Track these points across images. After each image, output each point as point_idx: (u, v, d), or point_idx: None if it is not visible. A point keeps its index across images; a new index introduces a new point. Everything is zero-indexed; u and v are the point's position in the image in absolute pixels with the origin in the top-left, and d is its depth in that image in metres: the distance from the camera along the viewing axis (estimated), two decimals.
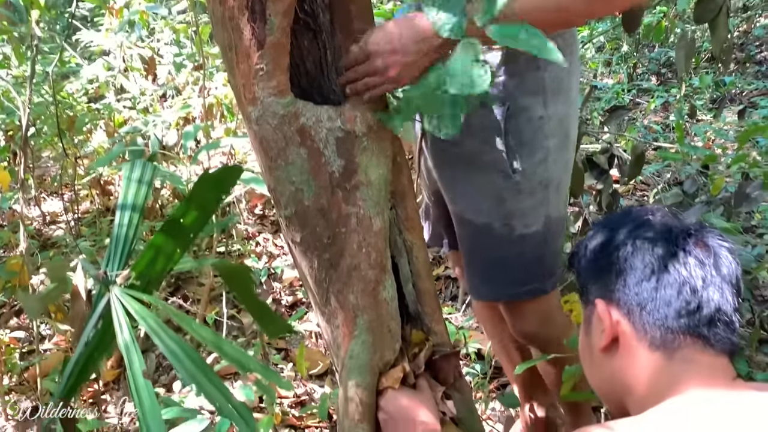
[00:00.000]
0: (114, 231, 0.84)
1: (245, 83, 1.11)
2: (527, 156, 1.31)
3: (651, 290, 0.88)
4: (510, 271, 1.40)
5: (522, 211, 1.35)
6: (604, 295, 0.94)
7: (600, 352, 0.94)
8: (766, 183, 2.08)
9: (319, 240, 1.22)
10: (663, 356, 0.87)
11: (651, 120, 4.11)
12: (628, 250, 0.92)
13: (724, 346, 0.86)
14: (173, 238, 0.78)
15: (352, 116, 1.16)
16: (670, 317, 0.86)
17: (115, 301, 0.74)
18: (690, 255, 0.88)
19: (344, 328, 1.27)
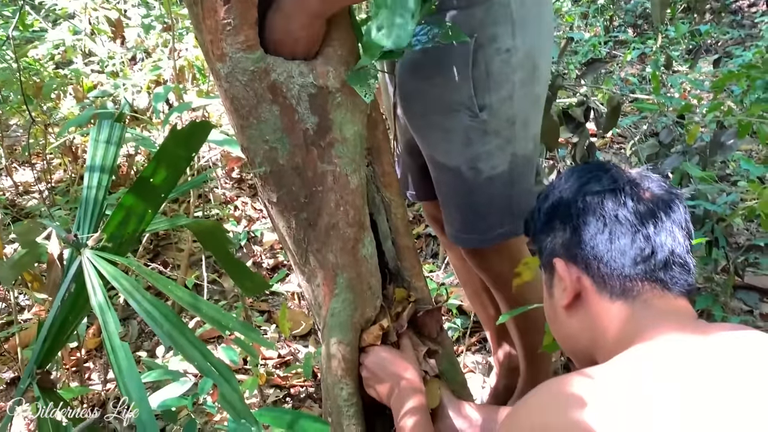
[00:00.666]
0: (83, 194, 0.82)
1: (212, 39, 1.08)
2: (494, 91, 1.26)
3: (605, 242, 0.89)
4: (480, 217, 1.39)
5: (488, 152, 1.32)
6: (562, 254, 0.95)
7: (564, 310, 0.95)
8: (740, 131, 2.09)
9: (296, 199, 1.21)
10: (624, 304, 0.88)
11: (627, 72, 4.10)
12: (579, 206, 0.92)
13: (681, 288, 0.87)
14: (144, 199, 0.76)
15: (324, 71, 1.14)
16: (627, 266, 0.88)
17: (87, 263, 0.73)
18: (639, 203, 0.89)
19: (325, 287, 1.27)
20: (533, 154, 1.38)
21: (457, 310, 2.26)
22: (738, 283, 2.18)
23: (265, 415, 1.05)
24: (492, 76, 1.25)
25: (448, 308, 2.25)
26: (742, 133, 2.10)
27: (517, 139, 1.32)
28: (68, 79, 2.54)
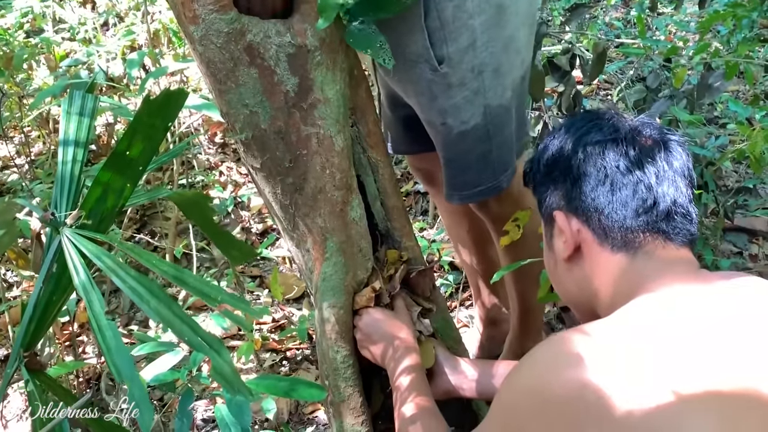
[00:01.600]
0: (58, 169, 0.79)
1: (184, 2, 1.03)
2: (451, 40, 1.17)
3: (607, 194, 0.87)
4: (458, 173, 1.35)
5: (455, 106, 1.25)
6: (562, 206, 0.93)
7: (565, 263, 0.94)
8: (727, 72, 2.06)
9: (281, 164, 1.18)
10: (626, 256, 0.87)
11: (612, 16, 4.03)
12: (579, 157, 0.90)
13: (684, 238, 0.87)
14: (121, 173, 0.74)
15: (302, 29, 1.09)
16: (629, 217, 0.86)
17: (67, 242, 0.70)
18: (640, 153, 0.87)
19: (315, 252, 1.26)
20: (511, 103, 1.31)
21: (449, 266, 2.26)
22: (727, 225, 2.19)
23: (260, 384, 1.04)
24: (446, 24, 1.17)
25: (440, 265, 2.25)
26: (730, 74, 2.07)
27: (488, 89, 1.24)
28: (39, 48, 2.45)
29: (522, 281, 1.54)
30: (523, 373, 0.80)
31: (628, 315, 0.79)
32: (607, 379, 0.71)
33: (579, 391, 0.71)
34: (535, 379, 0.77)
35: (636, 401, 0.69)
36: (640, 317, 0.78)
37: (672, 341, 0.74)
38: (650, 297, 0.81)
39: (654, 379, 0.70)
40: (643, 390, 0.69)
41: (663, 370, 0.71)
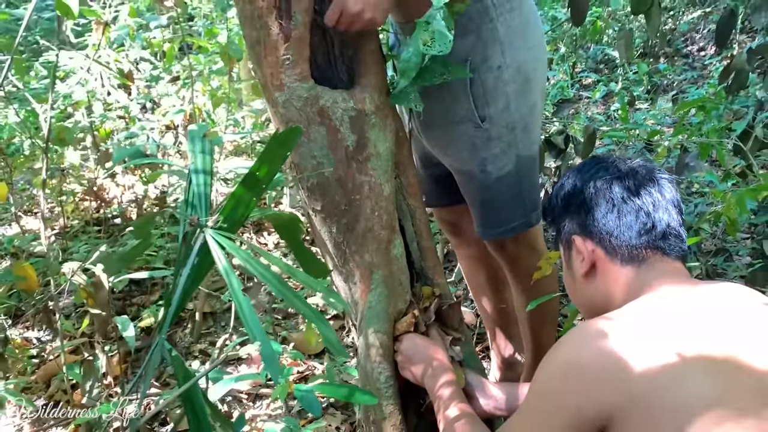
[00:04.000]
0: (192, 190, 1.01)
1: (273, 72, 1.30)
2: (491, 103, 1.46)
3: (615, 220, 1.11)
4: (495, 212, 1.59)
5: (494, 155, 1.51)
6: (579, 231, 1.17)
7: (582, 279, 1.17)
8: (701, 153, 2.38)
9: (338, 207, 1.41)
10: (632, 268, 1.10)
11: (594, 111, 4.45)
12: (591, 191, 1.15)
13: (677, 253, 1.10)
14: (250, 189, 0.96)
15: (362, 97, 1.37)
16: (633, 237, 1.10)
17: (210, 238, 0.92)
18: (640, 187, 1.12)
19: (362, 284, 1.47)
20: (536, 155, 1.60)
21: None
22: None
23: (324, 389, 1.22)
24: (488, 91, 1.47)
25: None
26: (703, 154, 2.39)
27: (519, 142, 1.52)
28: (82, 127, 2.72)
29: (536, 319, 1.74)
30: (558, 351, 1.00)
31: (637, 306, 1.01)
32: (625, 350, 0.92)
33: (604, 357, 0.92)
34: (568, 352, 0.98)
35: (647, 365, 0.89)
36: (646, 307, 1.00)
37: (671, 322, 0.95)
38: (653, 294, 1.03)
39: (659, 349, 0.91)
40: (651, 357, 0.90)
41: (666, 343, 0.92)
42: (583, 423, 0.93)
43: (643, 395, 0.88)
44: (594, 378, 0.92)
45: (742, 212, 1.98)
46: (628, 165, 1.16)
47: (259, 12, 1.26)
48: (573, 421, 0.94)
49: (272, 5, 1.24)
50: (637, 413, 0.88)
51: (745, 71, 2.55)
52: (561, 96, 4.33)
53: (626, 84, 4.58)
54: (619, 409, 0.89)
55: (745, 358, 0.91)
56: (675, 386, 0.88)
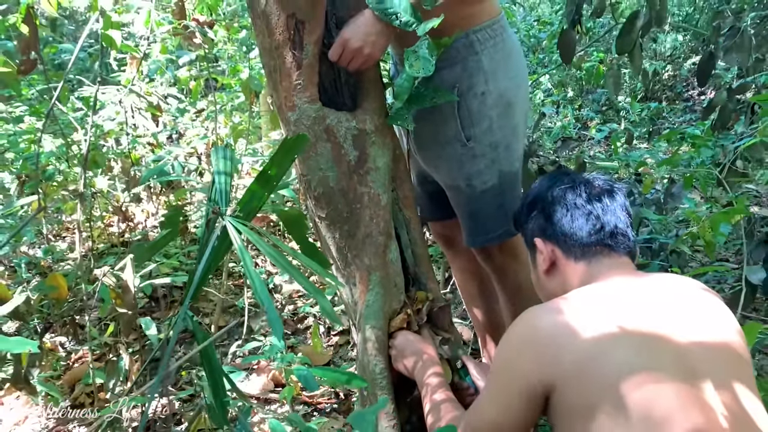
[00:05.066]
0: (216, 187, 1.21)
1: (286, 95, 1.51)
2: (476, 125, 1.65)
3: (569, 223, 1.29)
4: (482, 222, 1.77)
5: (479, 171, 1.69)
6: (540, 234, 1.34)
7: (544, 275, 1.34)
8: (685, 183, 2.55)
9: (340, 215, 1.60)
10: (585, 263, 1.27)
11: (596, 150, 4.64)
12: (549, 199, 1.33)
13: (624, 250, 1.27)
14: (263, 186, 1.15)
15: (363, 118, 1.57)
16: (585, 237, 1.27)
17: (229, 224, 1.11)
18: (591, 194, 1.29)
19: (361, 285, 1.64)
20: (518, 172, 1.78)
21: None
22: None
23: (325, 374, 1.39)
24: (473, 114, 1.66)
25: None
26: (687, 184, 2.56)
27: (502, 160, 1.70)
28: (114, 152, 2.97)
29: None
30: (513, 329, 1.17)
31: (583, 291, 1.18)
32: (568, 326, 1.08)
33: (555, 329, 1.09)
34: (521, 330, 1.14)
35: (585, 338, 1.06)
36: (590, 292, 1.17)
37: (610, 304, 1.12)
38: (599, 283, 1.20)
39: (597, 325, 1.07)
40: (590, 332, 1.06)
41: (603, 320, 1.08)
42: (533, 390, 1.09)
43: (581, 362, 1.04)
44: (542, 349, 1.09)
45: (716, 234, 2.14)
46: (584, 177, 1.35)
47: (276, 44, 1.47)
48: (525, 388, 1.10)
49: (287, 39, 1.46)
50: (574, 377, 1.04)
51: (728, 109, 2.75)
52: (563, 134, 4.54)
53: (628, 126, 4.78)
54: (559, 377, 1.06)
55: (669, 334, 1.07)
56: (606, 355, 1.04)
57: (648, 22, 2.44)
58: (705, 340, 1.06)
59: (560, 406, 1.06)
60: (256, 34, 1.53)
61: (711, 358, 1.05)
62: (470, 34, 1.62)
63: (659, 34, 6.10)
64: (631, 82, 5.54)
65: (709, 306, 1.14)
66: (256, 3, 1.46)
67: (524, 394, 1.10)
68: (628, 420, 0.98)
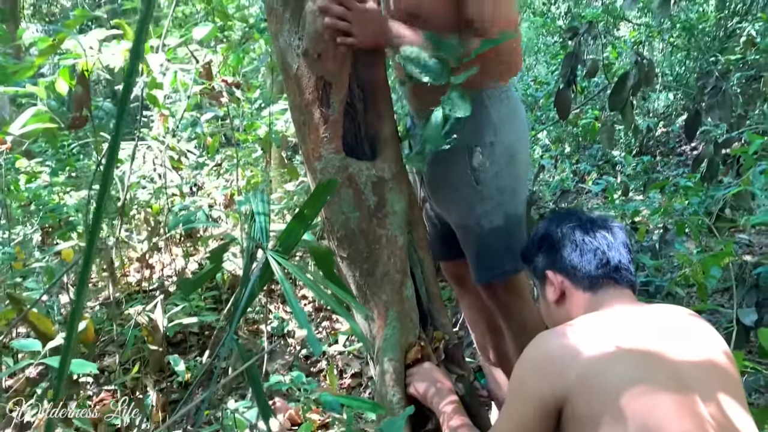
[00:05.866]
0: (255, 226, 1.37)
1: (314, 147, 1.69)
2: (485, 171, 1.83)
3: (578, 257, 1.44)
4: (489, 259, 1.91)
5: (486, 212, 1.85)
6: (551, 267, 1.49)
7: (554, 305, 1.48)
8: (678, 230, 2.71)
9: (360, 254, 1.75)
10: (592, 293, 1.41)
11: (593, 202, 4.82)
12: (559, 235, 1.49)
13: (627, 283, 1.42)
14: (299, 223, 1.31)
15: (382, 167, 1.74)
16: (592, 270, 1.42)
17: (270, 257, 1.26)
18: (597, 232, 1.45)
19: (379, 320, 1.78)
20: (522, 214, 1.94)
21: None
22: None
23: (353, 402, 1.51)
24: (483, 162, 1.84)
25: None
26: (680, 231, 2.72)
27: (508, 203, 1.87)
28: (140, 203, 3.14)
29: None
30: (526, 351, 1.30)
31: (589, 317, 1.32)
32: (575, 346, 1.22)
33: (562, 349, 1.22)
34: (533, 351, 1.28)
35: (590, 356, 1.20)
36: (596, 318, 1.31)
37: (611, 326, 1.26)
38: (604, 310, 1.35)
39: (601, 345, 1.21)
40: (594, 351, 1.20)
41: (606, 341, 1.22)
42: (546, 406, 1.22)
43: (586, 377, 1.18)
44: (552, 368, 1.22)
45: (707, 277, 2.29)
46: (588, 215, 1.51)
47: (306, 102, 1.66)
48: (539, 405, 1.23)
49: (316, 98, 1.64)
50: (581, 391, 1.17)
51: (715, 162, 2.94)
52: (562, 187, 4.73)
53: (624, 179, 4.98)
54: (570, 390, 1.19)
55: (664, 352, 1.21)
56: (608, 370, 1.18)
57: (638, 82, 2.66)
58: (695, 358, 1.19)
59: (571, 417, 1.19)
60: (287, 93, 1.72)
61: (700, 373, 1.19)
62: (483, 92, 1.81)
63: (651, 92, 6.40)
64: (626, 137, 5.79)
65: (699, 329, 1.28)
66: (288, 67, 1.66)
67: (538, 411, 1.23)
68: (627, 428, 1.11)
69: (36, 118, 1.99)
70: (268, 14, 1.70)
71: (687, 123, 2.73)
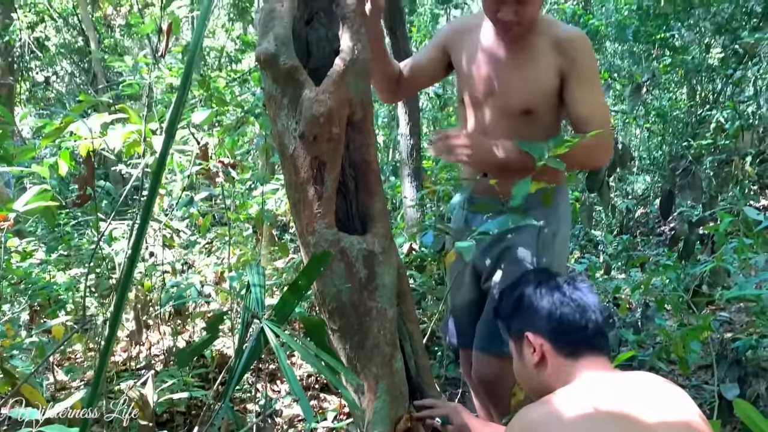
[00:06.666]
0: (252, 297, 1.43)
1: (308, 222, 1.77)
2: (544, 254, 2.04)
3: (557, 320, 1.49)
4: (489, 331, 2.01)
5: None
6: (530, 329, 1.54)
7: (533, 368, 1.52)
8: (658, 305, 2.79)
9: (351, 327, 1.81)
10: (572, 359, 1.46)
11: None
12: (537, 298, 1.54)
13: (603, 348, 1.48)
14: (293, 294, 1.38)
15: (372, 241, 1.82)
16: (572, 334, 1.48)
17: (266, 326, 1.32)
18: (574, 295, 1.52)
19: (369, 393, 1.81)
20: None
21: None
22: None
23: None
24: (545, 245, 2.04)
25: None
26: (660, 306, 2.80)
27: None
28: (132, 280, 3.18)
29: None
30: (515, 421, 1.35)
31: (570, 386, 1.38)
32: (559, 412, 1.27)
33: (547, 416, 1.27)
34: (521, 420, 1.33)
35: (572, 421, 1.25)
36: (575, 388, 1.37)
37: (592, 393, 1.32)
38: (581, 379, 1.40)
39: (582, 410, 1.27)
40: (575, 416, 1.26)
41: (587, 406, 1.28)
42: None
43: None
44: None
45: (687, 351, 2.35)
46: (563, 278, 1.58)
47: (302, 180, 1.76)
48: None
49: (311, 176, 1.75)
50: None
51: (691, 240, 3.06)
52: None
53: (606, 258, 5.10)
54: None
55: (640, 415, 1.26)
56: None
57: (613, 164, 2.81)
58: (670, 420, 1.25)
59: None
60: (283, 173, 1.83)
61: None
62: (553, 191, 2.03)
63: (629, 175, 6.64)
64: (607, 218, 5.96)
65: (673, 394, 1.34)
66: (285, 148, 1.77)
67: None
68: None
69: (38, 197, 2.07)
70: (267, 100, 1.83)
71: (662, 203, 2.87)
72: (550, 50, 1.95)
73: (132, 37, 11.43)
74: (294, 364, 3.54)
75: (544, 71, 1.95)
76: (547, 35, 1.96)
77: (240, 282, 2.84)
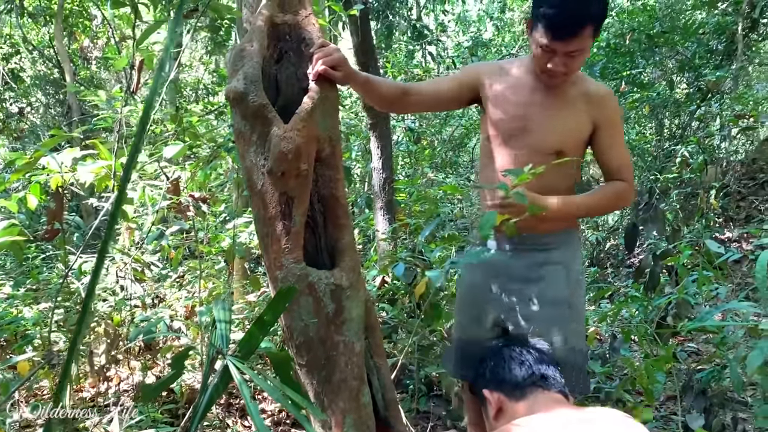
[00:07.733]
0: (217, 332, 1.44)
1: (275, 257, 1.79)
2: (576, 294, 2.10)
3: (510, 375, 1.59)
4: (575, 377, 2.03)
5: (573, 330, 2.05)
6: (488, 387, 1.64)
7: (494, 420, 1.59)
8: (624, 336, 2.84)
9: (319, 361, 1.82)
10: (525, 401, 1.54)
11: None
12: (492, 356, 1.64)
13: (556, 389, 1.55)
14: (259, 329, 1.39)
15: (340, 276, 1.85)
16: (522, 382, 1.56)
17: (230, 363, 1.32)
18: (523, 354, 1.63)
19: (336, 429, 1.81)
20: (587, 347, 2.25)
21: None
22: None
23: None
24: (576, 282, 2.11)
25: None
26: (626, 338, 2.85)
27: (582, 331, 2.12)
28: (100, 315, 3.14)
29: None
30: None
31: (531, 417, 1.41)
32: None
33: None
34: None
35: None
36: (536, 417, 1.40)
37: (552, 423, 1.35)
38: (542, 413, 1.45)
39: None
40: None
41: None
42: None
43: None
44: None
45: (652, 381, 2.39)
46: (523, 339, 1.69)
47: (270, 215, 1.79)
48: None
49: (279, 211, 1.77)
50: None
51: (656, 272, 3.13)
52: None
53: None
54: None
55: None
56: None
57: None
58: None
59: None
60: (252, 207, 1.85)
61: None
62: (574, 231, 2.18)
63: None
64: None
65: (633, 428, 1.38)
66: (254, 184, 1.80)
67: None
68: None
69: (6, 231, 2.06)
70: (236, 136, 1.86)
71: (626, 236, 2.94)
72: (581, 100, 2.07)
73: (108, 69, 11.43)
74: (266, 399, 3.51)
75: (579, 118, 2.07)
76: (579, 86, 2.09)
77: (210, 316, 2.83)
